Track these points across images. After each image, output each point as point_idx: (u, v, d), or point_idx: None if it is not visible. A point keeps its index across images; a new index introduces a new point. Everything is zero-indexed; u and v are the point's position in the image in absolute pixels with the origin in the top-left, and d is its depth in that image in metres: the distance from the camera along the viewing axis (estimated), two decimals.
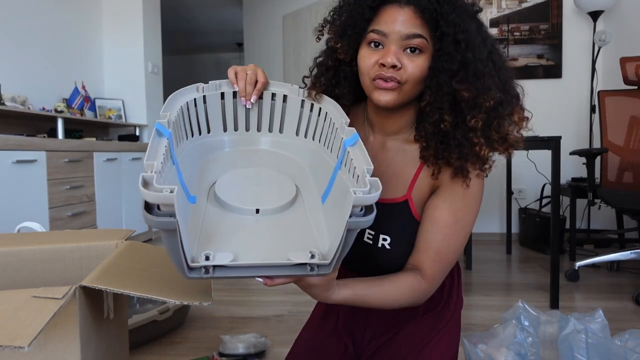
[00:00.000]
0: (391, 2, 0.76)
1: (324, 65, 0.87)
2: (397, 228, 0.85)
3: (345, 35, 0.80)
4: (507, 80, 0.79)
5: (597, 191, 2.30)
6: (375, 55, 0.77)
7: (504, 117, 0.77)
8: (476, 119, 0.75)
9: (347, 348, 0.94)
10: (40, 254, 0.93)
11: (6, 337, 0.47)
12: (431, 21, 0.75)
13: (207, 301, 0.67)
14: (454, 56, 0.74)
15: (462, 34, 0.74)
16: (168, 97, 0.78)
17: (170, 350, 1.54)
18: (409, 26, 0.75)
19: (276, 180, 0.79)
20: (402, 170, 0.87)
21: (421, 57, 0.76)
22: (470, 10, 0.78)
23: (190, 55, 7.86)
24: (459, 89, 0.74)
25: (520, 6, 3.37)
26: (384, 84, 0.77)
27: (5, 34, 2.76)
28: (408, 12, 0.75)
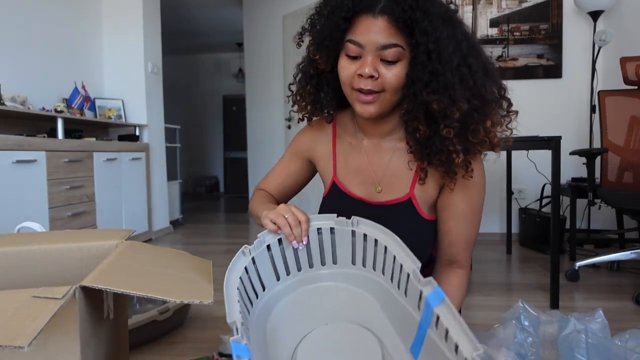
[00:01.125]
0: (365, 12, 0.76)
1: (307, 73, 0.89)
2: (404, 227, 0.87)
3: (323, 46, 0.82)
4: (484, 85, 0.78)
5: (597, 191, 2.30)
6: (354, 66, 0.79)
7: (479, 123, 0.78)
8: (448, 129, 0.76)
9: None
10: (40, 254, 0.93)
11: (6, 337, 0.47)
12: (406, 29, 0.75)
13: (208, 299, 0.67)
14: (426, 66, 0.75)
15: (433, 44, 0.74)
16: (225, 287, 0.71)
17: (170, 350, 1.54)
18: (384, 36, 0.75)
19: (357, 342, 0.74)
20: (401, 169, 0.89)
21: (398, 66, 0.77)
22: (444, 13, 0.77)
23: (190, 55, 7.85)
24: (430, 100, 0.75)
25: (520, 6, 3.37)
26: (364, 97, 0.79)
27: (5, 34, 2.76)
28: (382, 21, 0.75)
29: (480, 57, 0.80)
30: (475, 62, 0.78)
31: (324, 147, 1.00)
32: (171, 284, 0.73)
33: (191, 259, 0.92)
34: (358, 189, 0.94)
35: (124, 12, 3.68)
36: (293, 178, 1.07)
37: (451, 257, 0.90)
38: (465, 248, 0.89)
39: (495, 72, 0.82)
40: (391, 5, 0.75)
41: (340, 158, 0.96)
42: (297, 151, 1.05)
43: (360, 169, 0.94)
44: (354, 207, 0.92)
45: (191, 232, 4.12)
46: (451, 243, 0.89)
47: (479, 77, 0.78)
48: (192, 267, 0.86)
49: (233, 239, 3.76)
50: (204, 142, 8.01)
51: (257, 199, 1.05)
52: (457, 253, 0.89)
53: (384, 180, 0.91)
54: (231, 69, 7.67)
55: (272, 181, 1.09)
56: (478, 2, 3.42)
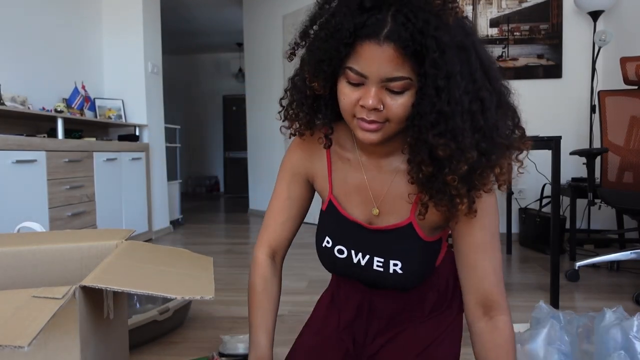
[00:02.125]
0: (369, 38, 0.66)
1: (303, 93, 0.80)
2: (406, 252, 0.83)
3: (320, 71, 0.73)
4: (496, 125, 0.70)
5: (597, 191, 2.30)
6: (355, 94, 0.71)
7: (488, 168, 0.71)
8: (452, 176, 0.70)
9: (348, 350, 0.93)
10: (40, 254, 0.93)
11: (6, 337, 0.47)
12: (414, 56, 0.66)
13: (209, 294, 0.67)
14: (434, 104, 0.67)
15: (443, 80, 0.66)
16: None
17: (170, 350, 1.54)
18: (390, 68, 0.67)
19: None
20: (402, 192, 0.82)
21: (405, 96, 0.69)
22: (460, 40, 0.67)
23: (190, 55, 7.86)
24: (435, 145, 0.68)
25: (520, 6, 3.37)
26: (367, 126, 0.72)
27: (5, 34, 2.76)
28: (388, 50, 0.65)
29: (494, 89, 0.72)
30: (488, 97, 0.70)
31: (318, 163, 0.90)
32: (172, 280, 0.73)
33: (192, 256, 0.92)
34: (357, 210, 0.87)
35: (124, 12, 3.68)
36: (297, 205, 0.94)
37: (486, 299, 0.79)
38: (498, 281, 0.79)
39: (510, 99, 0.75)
40: (398, 30, 0.65)
41: (337, 174, 0.88)
42: (294, 173, 0.93)
43: (360, 188, 0.86)
44: (352, 231, 0.86)
45: (191, 232, 4.12)
46: (481, 278, 0.79)
47: (491, 116, 0.70)
48: (192, 263, 0.86)
49: (233, 239, 3.76)
50: (204, 142, 8.01)
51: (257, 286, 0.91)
52: (490, 289, 0.79)
53: (384, 203, 0.85)
54: (231, 69, 7.67)
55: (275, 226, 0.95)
56: (478, 2, 3.42)
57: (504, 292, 0.80)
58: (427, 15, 0.65)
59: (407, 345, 0.89)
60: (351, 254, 0.87)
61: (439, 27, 0.65)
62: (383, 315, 0.92)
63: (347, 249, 0.87)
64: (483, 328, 0.78)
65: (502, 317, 0.78)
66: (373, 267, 0.85)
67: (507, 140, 0.73)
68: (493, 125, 0.70)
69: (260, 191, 5.11)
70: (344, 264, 0.88)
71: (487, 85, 0.70)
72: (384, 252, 0.84)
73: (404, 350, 0.89)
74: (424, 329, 0.90)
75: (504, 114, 0.73)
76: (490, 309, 0.78)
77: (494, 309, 0.78)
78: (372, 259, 0.85)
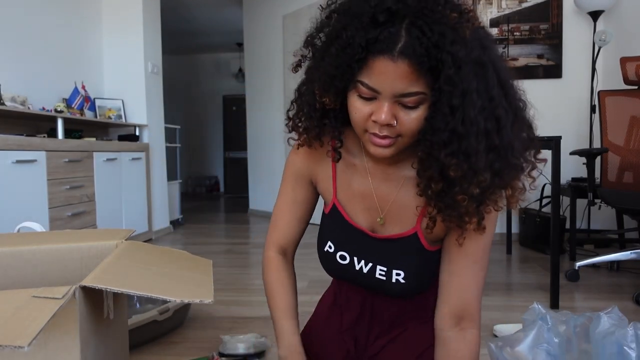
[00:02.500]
0: (382, 52, 0.63)
1: (312, 106, 0.77)
2: (409, 262, 0.82)
3: (331, 86, 0.70)
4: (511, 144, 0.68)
5: (597, 191, 2.30)
6: (367, 108, 0.69)
7: (499, 188, 0.70)
8: (463, 196, 0.68)
9: (349, 351, 0.93)
10: (40, 254, 0.93)
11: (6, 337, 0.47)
12: (429, 71, 0.64)
13: (208, 299, 0.67)
14: (447, 122, 0.65)
15: (458, 99, 0.63)
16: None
17: (170, 350, 1.54)
18: (404, 84, 0.64)
19: None
20: (409, 202, 0.80)
21: (419, 110, 0.67)
22: (477, 55, 0.64)
23: (190, 55, 7.86)
24: (447, 164, 0.66)
25: (520, 6, 3.37)
26: (379, 141, 0.70)
27: (5, 34, 2.76)
28: (402, 66, 0.63)
29: (511, 105, 0.69)
30: (504, 115, 0.67)
31: (322, 166, 0.89)
32: (171, 283, 0.73)
33: (191, 259, 0.92)
34: (362, 217, 0.86)
35: (124, 12, 3.68)
36: (303, 208, 0.94)
37: (461, 309, 0.78)
38: (477, 295, 0.79)
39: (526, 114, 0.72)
40: (413, 44, 0.62)
41: (342, 179, 0.87)
42: (298, 176, 0.92)
43: (365, 195, 0.84)
44: (355, 238, 0.85)
45: (191, 232, 4.12)
46: (462, 288, 0.78)
47: (507, 134, 0.67)
48: (192, 266, 0.86)
49: (233, 239, 3.76)
50: (204, 142, 8.01)
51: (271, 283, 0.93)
52: (468, 301, 0.78)
53: (390, 211, 0.83)
54: (231, 69, 7.67)
55: (283, 227, 0.95)
56: (478, 2, 3.42)
57: (480, 306, 0.79)
58: (443, 29, 0.62)
59: (408, 346, 0.89)
60: (353, 261, 0.86)
61: (455, 41, 0.62)
62: (385, 319, 0.92)
63: (350, 256, 0.86)
64: (451, 337, 0.78)
65: (472, 330, 0.78)
66: (375, 275, 0.84)
67: (521, 160, 0.71)
68: (508, 144, 0.67)
69: (260, 191, 5.12)
70: (345, 270, 0.87)
71: (503, 103, 0.67)
72: (387, 261, 0.83)
73: (405, 351, 0.89)
74: (425, 329, 0.89)
75: (519, 130, 0.70)
76: (462, 320, 0.78)
77: (467, 321, 0.78)
78: (374, 267, 0.84)
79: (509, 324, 1.67)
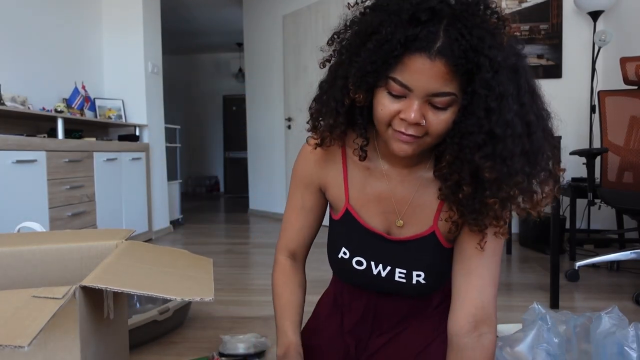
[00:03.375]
0: (419, 51, 0.63)
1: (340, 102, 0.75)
2: (429, 262, 0.82)
3: (363, 83, 0.69)
4: (541, 149, 0.69)
5: (597, 191, 2.29)
6: (396, 106, 0.68)
7: (527, 193, 0.69)
8: (495, 200, 0.67)
9: (349, 350, 0.93)
10: (40, 254, 0.93)
11: (6, 337, 0.47)
12: (464, 74, 0.64)
13: (209, 296, 0.67)
14: (482, 125, 0.65)
15: (495, 102, 0.63)
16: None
17: (170, 350, 1.54)
18: (438, 83, 0.64)
19: None
20: (425, 202, 0.80)
21: (448, 112, 0.67)
22: (513, 62, 0.65)
23: (190, 55, 7.86)
24: (482, 166, 0.66)
25: (520, 6, 3.37)
26: (405, 138, 0.69)
27: (5, 34, 2.76)
28: (438, 66, 0.63)
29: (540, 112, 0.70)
30: (535, 121, 0.68)
31: (333, 172, 0.87)
32: (171, 282, 0.73)
33: (191, 257, 0.92)
34: (377, 220, 0.84)
35: (124, 12, 3.68)
36: (313, 215, 0.92)
37: (479, 311, 0.75)
38: (495, 294, 0.76)
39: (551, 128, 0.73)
40: (451, 45, 0.62)
41: (354, 183, 0.85)
42: (307, 183, 0.90)
43: (382, 198, 0.83)
44: (371, 242, 0.84)
45: (191, 232, 4.12)
46: (479, 288, 0.76)
47: (537, 140, 0.68)
48: (192, 265, 0.86)
49: (233, 239, 3.76)
50: (204, 142, 8.01)
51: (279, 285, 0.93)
52: (487, 302, 0.76)
53: (407, 212, 0.82)
54: (231, 69, 7.67)
55: (292, 232, 0.94)
56: None
57: (496, 308, 0.78)
58: (481, 33, 0.63)
59: (408, 343, 0.89)
60: (371, 265, 0.85)
61: (493, 46, 0.63)
62: (388, 319, 0.92)
63: (367, 260, 0.85)
64: (467, 344, 0.75)
65: (490, 336, 0.76)
66: (395, 278, 0.83)
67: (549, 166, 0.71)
68: (538, 150, 0.68)
69: (260, 191, 5.12)
70: (362, 275, 0.86)
71: (533, 109, 0.68)
72: (407, 263, 0.82)
73: (405, 349, 0.89)
74: (426, 326, 0.89)
75: (547, 138, 0.71)
76: (480, 324, 0.76)
77: (486, 324, 0.76)
78: (393, 270, 0.83)
79: (509, 324, 1.67)
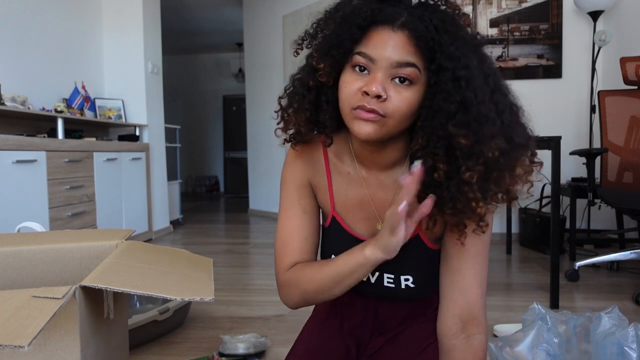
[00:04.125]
0: (383, 23, 0.66)
1: (305, 86, 0.76)
2: (417, 265, 0.81)
3: (328, 56, 0.70)
4: (512, 125, 0.68)
5: (597, 191, 2.30)
6: (359, 82, 0.68)
7: (505, 169, 0.67)
8: (471, 172, 0.65)
9: (349, 351, 0.93)
10: (40, 254, 0.93)
11: (6, 337, 0.47)
12: (427, 51, 0.65)
13: (209, 296, 0.67)
14: (453, 95, 0.64)
15: (463, 70, 0.64)
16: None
17: (170, 350, 1.54)
18: (401, 53, 0.65)
19: None
20: None
21: (411, 90, 0.67)
22: (473, 42, 0.68)
23: (190, 55, 7.86)
24: (456, 134, 0.64)
25: (520, 6, 3.37)
26: (364, 114, 0.67)
27: (5, 34, 2.76)
28: (401, 36, 0.65)
29: (507, 96, 0.70)
30: (503, 100, 0.68)
31: (318, 177, 0.85)
32: (172, 281, 0.73)
33: (192, 257, 0.92)
34: (362, 226, 0.83)
35: (124, 12, 3.68)
36: (315, 220, 0.87)
37: (465, 312, 0.75)
38: (482, 294, 0.75)
39: (523, 115, 0.72)
40: (414, 21, 0.65)
41: (338, 189, 0.84)
42: (300, 185, 0.86)
43: (363, 203, 0.82)
44: None
45: (191, 232, 4.12)
46: (465, 288, 0.75)
47: (506, 118, 0.67)
48: (192, 264, 0.86)
49: (233, 239, 3.76)
50: (204, 142, 8.01)
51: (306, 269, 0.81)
52: (472, 302, 0.74)
53: None
54: (231, 69, 7.67)
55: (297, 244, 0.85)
56: (478, 2, 3.42)
57: (485, 308, 0.76)
58: (443, 15, 0.67)
59: (408, 343, 0.89)
60: None
61: (454, 25, 0.66)
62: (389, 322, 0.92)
63: None
64: (456, 345, 0.75)
65: (479, 336, 0.75)
66: (384, 283, 0.83)
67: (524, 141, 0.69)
68: (508, 125, 0.67)
69: (260, 191, 5.12)
70: None
71: (499, 89, 0.68)
72: (394, 268, 0.82)
73: (405, 349, 0.89)
74: (426, 326, 0.89)
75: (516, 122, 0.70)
76: (468, 325, 0.75)
77: (473, 325, 0.75)
78: (382, 276, 0.83)
79: (509, 324, 1.67)
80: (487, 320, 0.77)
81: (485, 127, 0.64)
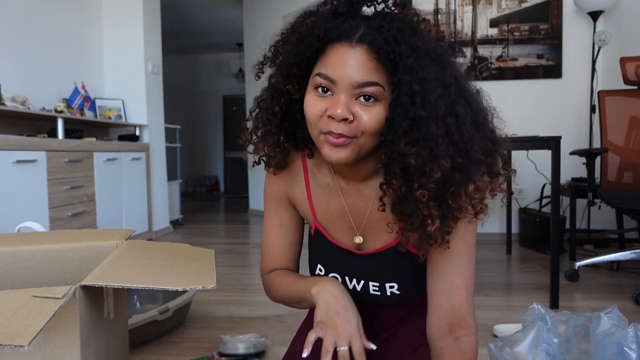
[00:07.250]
0: (340, 39, 0.64)
1: (269, 110, 0.74)
2: (400, 272, 0.81)
3: (292, 76, 0.69)
4: (471, 139, 0.65)
5: (597, 191, 2.30)
6: (323, 104, 0.65)
7: (461, 185, 0.65)
8: (422, 190, 0.64)
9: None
10: (40, 254, 0.93)
11: (6, 337, 0.48)
12: (388, 63, 0.63)
13: (210, 284, 0.67)
14: (408, 111, 0.63)
15: (418, 84, 0.62)
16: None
17: (170, 350, 1.54)
18: (362, 72, 0.63)
19: None
20: (385, 215, 0.76)
21: (377, 107, 0.64)
22: (433, 51, 0.65)
23: (190, 55, 7.86)
24: (407, 153, 0.63)
25: (520, 6, 3.37)
26: (334, 140, 0.65)
27: (5, 34, 2.76)
28: (360, 53, 0.62)
29: (471, 106, 0.67)
30: (463, 112, 0.65)
31: (298, 189, 0.85)
32: (172, 274, 0.73)
33: (192, 250, 0.92)
34: (344, 236, 0.83)
35: (124, 12, 3.68)
36: (293, 232, 0.90)
37: (451, 315, 0.73)
38: (467, 296, 0.73)
39: (488, 124, 0.70)
40: (372, 34, 0.62)
41: (319, 200, 0.83)
42: (277, 199, 0.88)
43: (342, 214, 0.82)
44: (342, 258, 0.83)
45: (191, 232, 4.12)
46: (449, 291, 0.73)
47: (466, 130, 0.65)
48: (193, 257, 0.85)
49: (233, 239, 3.76)
50: (204, 142, 8.01)
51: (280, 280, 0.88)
52: (458, 305, 0.72)
53: (368, 228, 0.80)
54: (231, 69, 7.67)
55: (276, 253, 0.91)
56: (478, 2, 3.42)
57: (472, 310, 0.74)
58: (400, 25, 0.64)
59: (407, 339, 0.89)
60: (345, 281, 0.85)
61: (412, 34, 0.64)
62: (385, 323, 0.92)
63: (341, 276, 0.85)
64: (444, 347, 0.73)
65: (467, 338, 0.72)
66: (370, 292, 0.83)
67: (484, 156, 0.67)
68: (468, 139, 0.65)
69: (260, 191, 5.11)
70: None
71: (461, 100, 0.66)
72: (378, 276, 0.82)
73: (403, 345, 0.89)
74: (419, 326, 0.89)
75: (481, 132, 0.68)
76: (456, 327, 0.73)
77: (461, 327, 0.73)
78: (367, 285, 0.83)
79: (508, 324, 1.67)
80: (476, 320, 0.75)
81: (434, 146, 0.63)
